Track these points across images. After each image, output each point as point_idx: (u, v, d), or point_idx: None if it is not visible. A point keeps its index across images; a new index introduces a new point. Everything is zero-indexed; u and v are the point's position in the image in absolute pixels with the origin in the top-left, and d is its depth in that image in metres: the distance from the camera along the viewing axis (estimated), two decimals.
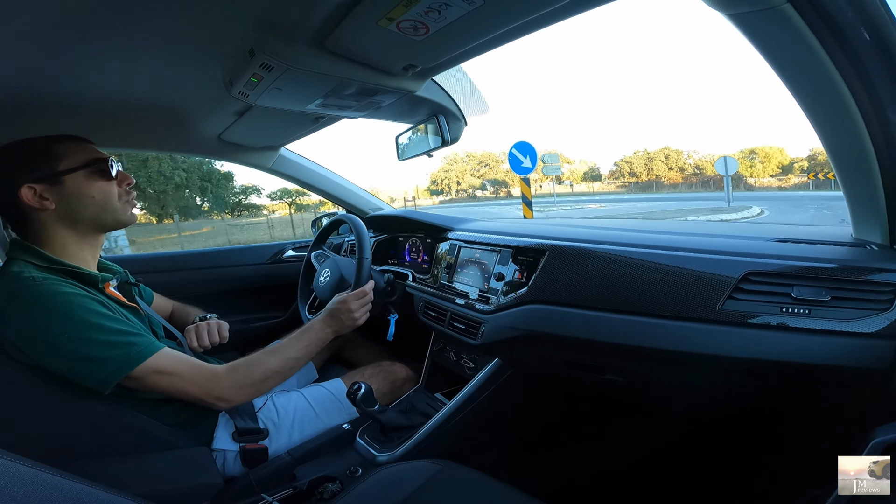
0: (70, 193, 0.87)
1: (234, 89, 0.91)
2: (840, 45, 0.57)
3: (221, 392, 0.88)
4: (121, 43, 0.75)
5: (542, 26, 0.74)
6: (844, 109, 0.64)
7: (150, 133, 1.32)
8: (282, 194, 50.80)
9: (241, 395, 0.91)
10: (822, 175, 31.82)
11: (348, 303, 1.12)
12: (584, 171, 69.34)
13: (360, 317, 1.14)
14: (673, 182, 54.74)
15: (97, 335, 0.78)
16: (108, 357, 0.78)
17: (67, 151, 0.88)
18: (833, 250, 0.80)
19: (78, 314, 0.78)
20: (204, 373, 0.87)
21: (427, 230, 1.56)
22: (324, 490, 0.90)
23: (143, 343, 0.83)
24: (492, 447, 1.23)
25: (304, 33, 0.75)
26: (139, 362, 0.80)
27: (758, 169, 53.30)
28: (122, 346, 0.80)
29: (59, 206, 0.87)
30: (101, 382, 0.78)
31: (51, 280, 0.80)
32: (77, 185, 0.88)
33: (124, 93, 0.98)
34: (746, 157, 54.22)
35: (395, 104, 1.06)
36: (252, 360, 0.94)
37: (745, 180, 47.02)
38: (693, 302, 0.82)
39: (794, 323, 0.74)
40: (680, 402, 1.09)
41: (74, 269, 0.86)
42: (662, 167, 58.75)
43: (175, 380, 0.84)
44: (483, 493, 0.75)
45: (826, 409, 0.90)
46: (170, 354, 0.86)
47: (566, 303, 0.97)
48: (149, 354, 0.82)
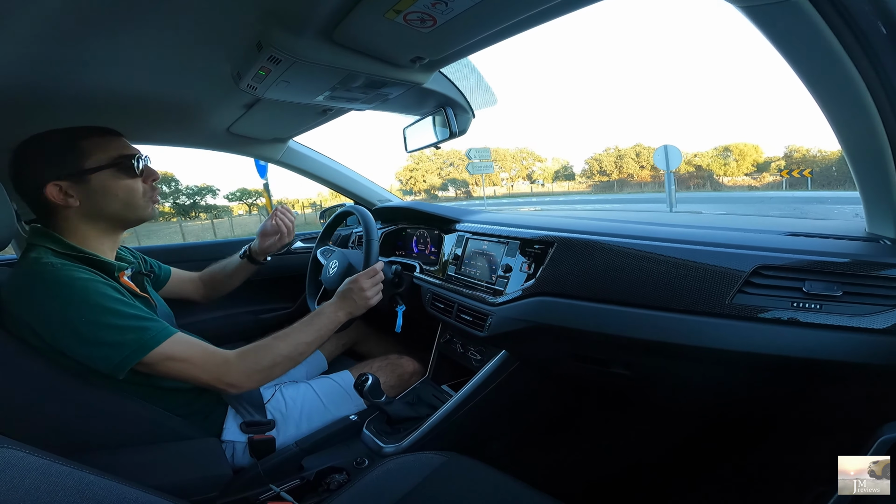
0: (95, 191, 0.88)
1: (242, 82, 0.91)
2: (856, 38, 0.56)
3: (231, 378, 0.88)
4: (129, 37, 0.76)
5: (548, 19, 0.73)
6: (860, 103, 0.62)
7: (159, 127, 1.33)
8: (241, 195, 50.52)
9: (251, 380, 0.90)
10: (797, 172, 30.81)
11: (359, 281, 1.11)
12: (556, 169, 66.66)
13: (372, 296, 1.12)
14: (641, 181, 52.43)
15: (113, 319, 0.79)
16: (124, 341, 0.79)
17: (94, 148, 0.89)
18: (846, 245, 0.79)
19: (94, 299, 0.79)
20: (215, 359, 0.88)
21: (435, 222, 1.56)
22: (331, 481, 0.92)
23: (156, 328, 0.83)
24: (498, 439, 1.24)
25: (312, 26, 0.74)
26: (153, 347, 0.80)
27: (731, 167, 51.03)
28: (137, 331, 0.80)
29: (84, 203, 0.88)
30: (116, 367, 0.78)
31: (68, 266, 0.81)
32: (102, 182, 0.89)
33: (133, 86, 0.98)
34: (720, 155, 52.13)
35: (402, 96, 1.05)
36: (262, 346, 0.94)
37: (716, 179, 45.43)
38: (702, 295, 0.81)
39: (805, 318, 0.73)
40: (687, 397, 1.08)
41: (92, 257, 0.87)
42: (633, 165, 56.48)
43: (186, 366, 0.84)
44: (488, 485, 0.76)
45: (834, 405, 0.89)
46: (182, 340, 0.86)
47: (574, 295, 0.96)
48: (162, 339, 0.82)
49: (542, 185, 59.87)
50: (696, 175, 47.48)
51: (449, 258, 1.36)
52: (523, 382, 1.16)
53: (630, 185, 50.80)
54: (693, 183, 42.49)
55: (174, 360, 0.83)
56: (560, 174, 65.33)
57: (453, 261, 1.34)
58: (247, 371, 0.89)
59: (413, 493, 0.72)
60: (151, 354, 0.80)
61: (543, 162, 66.29)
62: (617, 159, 57.44)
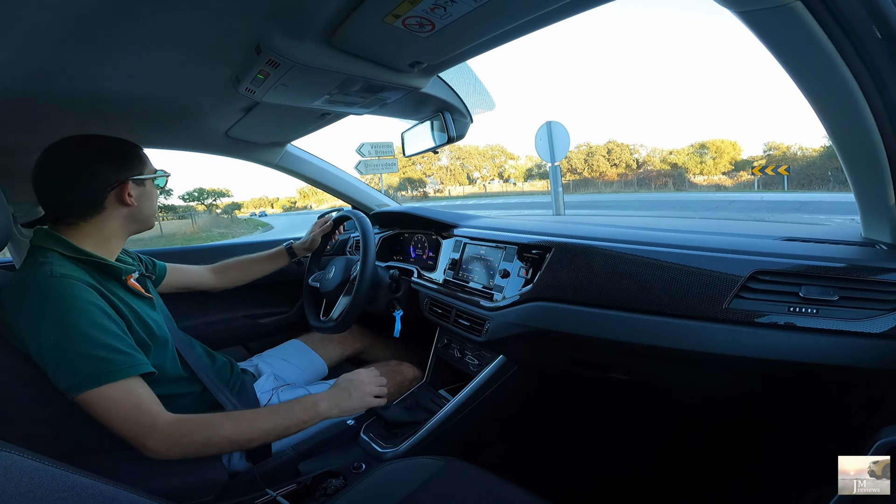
0: (146, 196, 0.95)
1: (240, 86, 0.92)
2: (851, 42, 0.57)
3: (150, 442, 0.78)
4: (128, 40, 0.76)
5: (547, 23, 0.74)
6: (855, 108, 0.63)
7: (157, 130, 1.33)
8: (199, 194, 49.69)
9: (172, 451, 0.79)
10: (771, 170, 26.73)
11: (360, 374, 1.02)
12: (528, 167, 62.31)
13: (372, 392, 1.00)
14: (608, 180, 49.38)
15: (80, 346, 0.76)
16: (78, 369, 0.75)
17: (146, 159, 0.97)
18: (842, 249, 0.79)
19: (73, 321, 0.76)
20: (141, 419, 0.79)
21: (432, 226, 1.56)
22: (328, 485, 0.91)
23: (119, 362, 0.78)
24: (495, 444, 1.23)
25: (311, 30, 0.74)
26: (99, 384, 0.75)
27: (708, 165, 48.00)
28: (97, 361, 0.76)
29: (138, 206, 0.93)
30: (66, 389, 0.75)
31: (67, 279, 0.79)
32: (151, 189, 0.97)
33: (131, 90, 0.98)
34: (696, 153, 48.99)
35: (400, 101, 1.05)
36: (204, 420, 0.84)
37: (688, 178, 42.14)
38: (700, 300, 0.81)
39: (801, 322, 0.73)
40: (686, 401, 1.08)
41: (101, 261, 0.87)
42: (604, 163, 53.18)
43: (111, 415, 0.77)
44: (486, 489, 0.76)
45: (832, 409, 0.89)
46: (127, 387, 0.79)
47: (572, 300, 0.96)
48: (113, 379, 0.77)
49: (514, 185, 56.84)
50: (665, 174, 45.22)
51: (447, 263, 1.36)
52: (521, 387, 1.16)
53: (595, 184, 47.89)
54: (659, 182, 39.87)
55: (104, 405, 0.76)
56: (534, 172, 61.17)
57: (451, 266, 1.34)
58: (170, 442, 0.79)
59: (411, 497, 0.71)
60: (92, 393, 0.75)
61: (516, 160, 63.46)
62: (587, 157, 54.39)
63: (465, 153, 61.06)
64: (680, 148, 50.67)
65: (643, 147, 54.53)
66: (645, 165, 51.56)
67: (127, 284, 0.91)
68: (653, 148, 53.97)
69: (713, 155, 48.16)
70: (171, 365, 0.95)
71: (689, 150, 49.46)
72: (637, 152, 54.00)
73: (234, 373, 1.16)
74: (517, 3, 0.67)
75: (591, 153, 53.98)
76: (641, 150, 54.02)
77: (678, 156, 49.66)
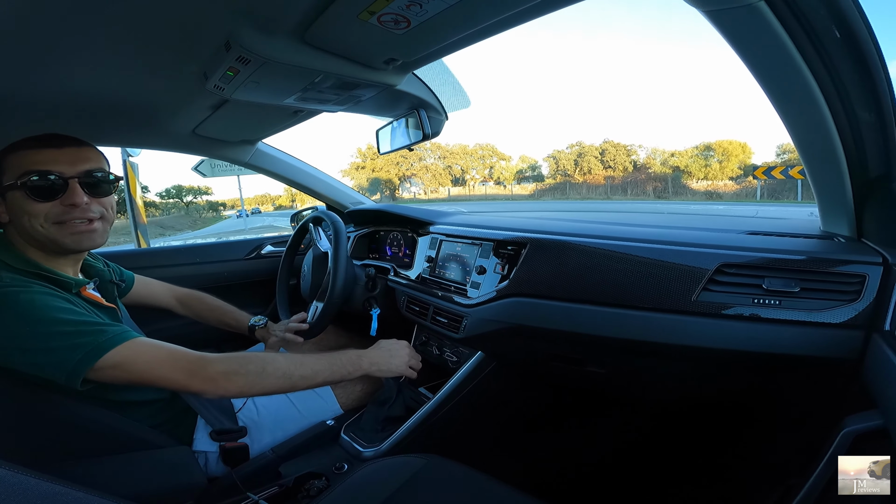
0: (12, 210, 0.80)
1: (209, 83, 0.89)
2: (811, 42, 0.59)
3: (208, 372, 0.76)
4: (91, 35, 0.72)
5: (523, 21, 0.74)
6: (814, 106, 0.66)
7: (121, 128, 1.28)
8: (177, 192, 48.16)
9: (231, 382, 0.77)
10: (780, 172, 18.81)
11: (406, 348, 1.08)
12: (518, 168, 56.47)
13: (406, 363, 1.05)
14: (593, 183, 43.27)
15: (63, 327, 0.72)
16: (77, 344, 0.71)
17: (13, 162, 0.79)
18: (802, 243, 0.83)
19: (41, 312, 0.73)
20: (187, 355, 0.78)
21: (408, 224, 1.55)
22: (310, 487, 0.90)
23: (114, 331, 0.75)
24: (477, 440, 1.24)
25: (283, 26, 0.73)
26: (108, 349, 0.72)
27: (713, 169, 42.09)
28: (92, 334, 0.73)
29: (13, 222, 0.81)
30: (71, 374, 0.70)
31: (18, 283, 0.76)
32: (16, 202, 0.79)
33: (94, 87, 0.94)
34: (700, 155, 43.28)
35: (375, 98, 1.04)
36: (256, 354, 0.84)
37: (688, 183, 36.53)
38: (669, 293, 0.84)
39: (765, 314, 0.76)
40: (659, 393, 1.12)
41: (47, 274, 0.81)
42: (596, 164, 47.63)
43: (153, 366, 0.74)
44: (469, 486, 0.76)
45: (799, 399, 0.93)
46: (145, 342, 0.77)
47: (547, 295, 0.98)
48: (120, 342, 0.74)
49: (504, 187, 50.83)
50: (658, 177, 40.56)
51: (423, 260, 1.36)
52: (500, 382, 1.17)
53: (578, 188, 41.72)
54: (652, 187, 35.18)
55: (137, 361, 0.74)
56: (526, 174, 55.90)
57: (427, 263, 1.34)
58: (226, 371, 0.77)
59: (394, 496, 0.71)
60: (108, 357, 0.72)
61: (508, 160, 56.79)
62: (578, 157, 48.60)
63: (446, 152, 55.08)
64: (683, 149, 44.61)
65: (642, 148, 48.87)
66: (644, 168, 45.70)
67: (82, 296, 0.86)
68: (653, 149, 48.01)
69: (720, 157, 42.50)
70: None
71: (692, 152, 43.71)
72: (635, 153, 47.99)
73: None
74: (492, 1, 0.67)
75: (581, 153, 48.52)
76: (640, 152, 48.27)
77: (681, 158, 43.95)
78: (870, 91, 0.64)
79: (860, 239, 0.80)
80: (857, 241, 0.80)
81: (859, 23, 0.58)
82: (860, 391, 0.71)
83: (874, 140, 0.69)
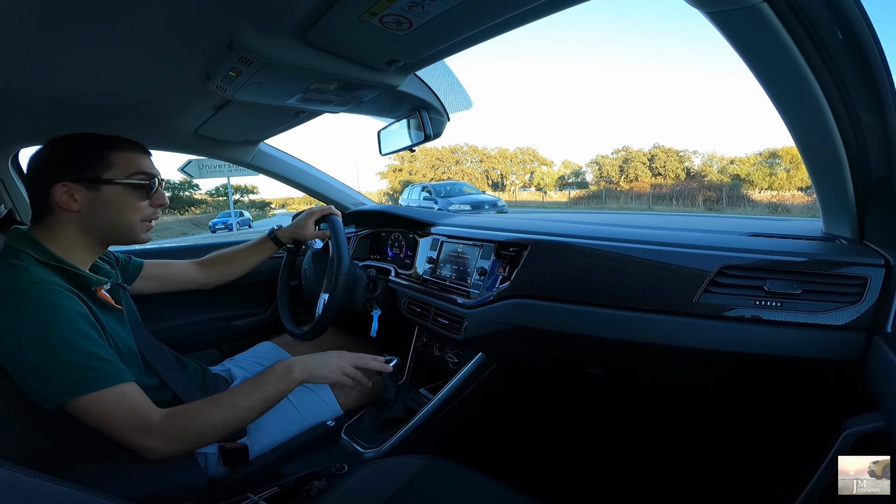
0: (101, 201, 0.85)
1: (211, 83, 0.89)
2: (814, 44, 0.59)
3: (149, 443, 0.78)
4: (93, 35, 0.73)
5: (525, 22, 0.74)
6: (816, 108, 0.66)
7: (123, 128, 1.27)
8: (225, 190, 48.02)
9: (171, 449, 0.79)
10: None
11: (345, 357, 0.98)
12: (560, 174, 50.49)
13: (344, 368, 0.97)
14: (638, 191, 36.39)
15: (65, 355, 0.74)
16: (64, 378, 0.73)
17: (120, 160, 0.87)
18: (804, 244, 0.83)
19: (53, 330, 0.74)
20: (136, 419, 0.78)
21: (409, 225, 1.56)
22: (310, 487, 0.90)
23: (107, 371, 0.77)
24: (477, 441, 1.24)
25: (285, 27, 0.73)
26: (89, 391, 0.74)
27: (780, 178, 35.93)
28: (84, 370, 0.74)
29: (84, 211, 0.84)
30: (46, 398, 0.73)
31: (48, 285, 0.76)
32: (113, 195, 0.86)
33: (96, 87, 0.94)
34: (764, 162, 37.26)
35: (377, 99, 1.04)
36: (192, 409, 0.83)
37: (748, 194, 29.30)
38: (671, 295, 0.84)
39: (767, 316, 0.76)
40: (660, 395, 1.12)
41: (70, 269, 0.83)
42: (644, 170, 42.05)
43: (106, 419, 0.76)
44: (469, 487, 0.76)
45: (800, 401, 0.93)
46: (117, 392, 0.78)
47: (548, 297, 0.98)
48: (104, 386, 0.75)
49: (544, 194, 43.89)
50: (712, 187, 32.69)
51: (424, 261, 1.36)
52: (501, 384, 1.17)
53: (616, 197, 34.32)
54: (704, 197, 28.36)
55: (98, 410, 0.75)
56: (569, 180, 49.07)
57: (428, 264, 1.34)
58: (167, 439, 0.79)
59: (394, 497, 0.71)
60: (84, 399, 0.74)
61: (550, 165, 50.95)
62: (623, 163, 43.18)
63: (482, 155, 49.74)
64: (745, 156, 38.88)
65: (696, 154, 42.78)
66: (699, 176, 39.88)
67: (97, 296, 0.87)
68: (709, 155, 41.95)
69: (787, 166, 36.46)
70: (137, 376, 0.92)
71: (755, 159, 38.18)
72: (689, 160, 42.13)
73: (207, 378, 1.14)
74: (495, 2, 0.67)
75: (627, 159, 43.40)
76: (694, 158, 42.45)
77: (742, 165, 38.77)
78: (872, 93, 0.64)
79: (862, 241, 0.80)
80: (859, 243, 0.79)
81: (862, 24, 0.58)
82: (861, 393, 0.70)
83: (876, 142, 0.69)
